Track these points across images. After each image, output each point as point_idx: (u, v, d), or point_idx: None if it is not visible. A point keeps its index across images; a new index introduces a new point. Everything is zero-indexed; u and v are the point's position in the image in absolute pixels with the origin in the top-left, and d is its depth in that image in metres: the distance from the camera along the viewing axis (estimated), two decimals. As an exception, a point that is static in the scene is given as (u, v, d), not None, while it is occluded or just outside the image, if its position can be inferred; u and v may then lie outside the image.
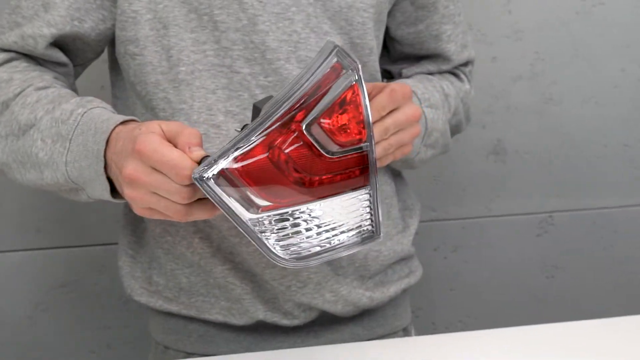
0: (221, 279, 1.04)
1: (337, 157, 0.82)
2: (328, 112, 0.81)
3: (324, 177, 0.82)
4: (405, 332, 1.19)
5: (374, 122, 0.89)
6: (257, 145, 0.78)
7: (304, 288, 1.04)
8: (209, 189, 0.76)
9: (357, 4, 1.02)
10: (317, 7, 1.00)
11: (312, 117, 0.80)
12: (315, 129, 0.80)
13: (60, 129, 0.90)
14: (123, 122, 0.87)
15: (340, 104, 0.81)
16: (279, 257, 0.80)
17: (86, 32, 1.01)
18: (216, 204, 0.77)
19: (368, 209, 0.86)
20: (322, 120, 0.80)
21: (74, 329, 1.56)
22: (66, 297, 1.54)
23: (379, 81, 1.08)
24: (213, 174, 0.76)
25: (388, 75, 1.20)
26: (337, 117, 0.82)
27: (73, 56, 1.05)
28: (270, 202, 0.79)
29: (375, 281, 1.11)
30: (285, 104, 0.78)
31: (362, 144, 0.82)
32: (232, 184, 0.76)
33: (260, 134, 0.78)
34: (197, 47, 0.99)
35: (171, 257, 1.06)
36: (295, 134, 0.79)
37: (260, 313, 1.05)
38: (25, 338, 1.54)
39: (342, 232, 0.87)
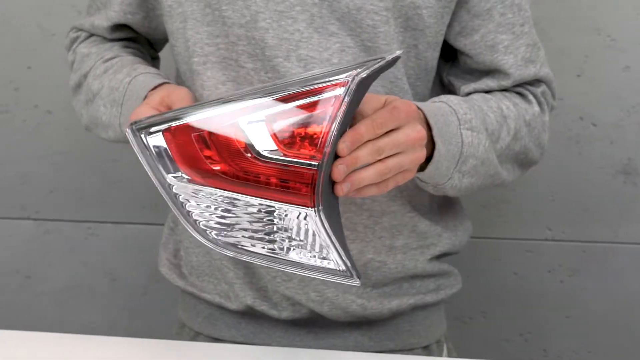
0: (217, 261, 1.08)
1: (272, 162, 0.80)
2: (277, 116, 0.80)
3: (254, 175, 0.81)
4: (427, 351, 1.13)
5: (368, 141, 0.82)
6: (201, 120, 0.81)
7: (288, 282, 1.04)
8: (133, 140, 0.83)
9: (367, 5, 0.98)
10: (323, 8, 0.99)
11: (260, 114, 0.80)
12: (257, 127, 0.80)
13: (114, 95, 1.04)
14: (154, 88, 0.99)
15: (302, 114, 0.79)
16: (192, 227, 0.86)
17: (139, 22, 1.12)
18: (139, 157, 0.83)
19: (313, 235, 0.82)
20: (272, 122, 0.80)
21: (180, 302, 1.66)
22: (176, 272, 1.64)
23: (402, 89, 1.02)
24: (140, 128, 0.83)
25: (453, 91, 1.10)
26: (288, 125, 0.80)
27: (144, 36, 1.17)
28: (190, 177, 0.83)
29: (381, 292, 1.07)
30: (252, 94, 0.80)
31: (311, 161, 0.79)
32: (167, 147, 0.83)
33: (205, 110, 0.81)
34: (212, 40, 1.03)
35: (188, 235, 1.12)
36: (231, 123, 0.80)
37: (249, 299, 1.07)
38: (136, 305, 1.67)
39: (272, 241, 0.86)
